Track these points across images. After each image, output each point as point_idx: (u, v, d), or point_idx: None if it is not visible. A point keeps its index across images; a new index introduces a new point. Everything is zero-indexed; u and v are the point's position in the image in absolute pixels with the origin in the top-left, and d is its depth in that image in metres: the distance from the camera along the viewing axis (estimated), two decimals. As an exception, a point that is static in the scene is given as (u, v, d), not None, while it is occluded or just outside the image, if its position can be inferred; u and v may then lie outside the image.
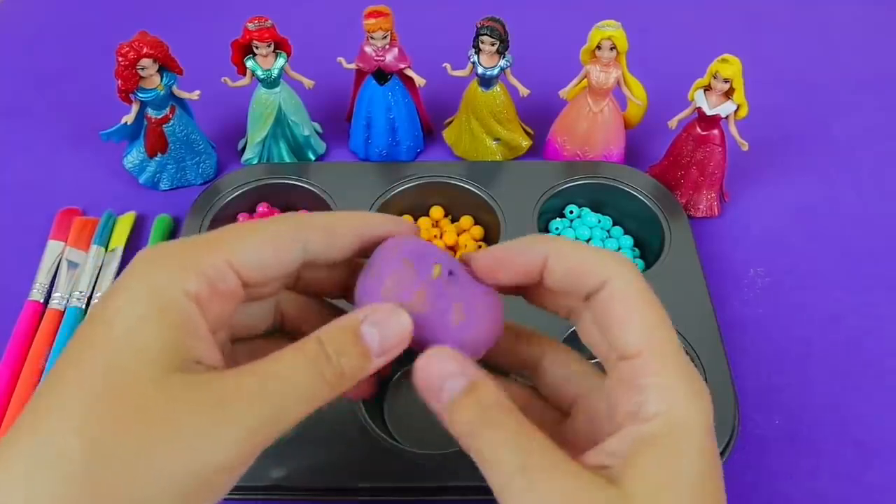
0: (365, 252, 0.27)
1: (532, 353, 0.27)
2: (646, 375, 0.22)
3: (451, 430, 0.24)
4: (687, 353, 0.45)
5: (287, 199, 0.57)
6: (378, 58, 0.56)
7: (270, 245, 0.24)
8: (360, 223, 0.27)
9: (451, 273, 0.26)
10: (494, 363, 0.28)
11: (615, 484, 0.21)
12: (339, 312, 0.28)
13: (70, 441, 0.19)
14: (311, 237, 0.25)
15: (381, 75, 0.57)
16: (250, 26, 0.54)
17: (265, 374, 0.22)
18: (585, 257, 0.25)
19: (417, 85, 0.58)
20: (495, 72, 0.56)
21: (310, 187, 0.56)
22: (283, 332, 0.29)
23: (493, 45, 0.54)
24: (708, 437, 0.22)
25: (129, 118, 0.55)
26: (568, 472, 0.21)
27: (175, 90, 0.56)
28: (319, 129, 0.64)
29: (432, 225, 0.57)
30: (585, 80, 0.56)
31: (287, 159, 0.60)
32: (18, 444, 0.20)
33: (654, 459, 0.21)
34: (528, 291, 0.28)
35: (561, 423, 0.27)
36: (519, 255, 0.26)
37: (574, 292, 0.25)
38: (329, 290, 0.29)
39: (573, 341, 0.47)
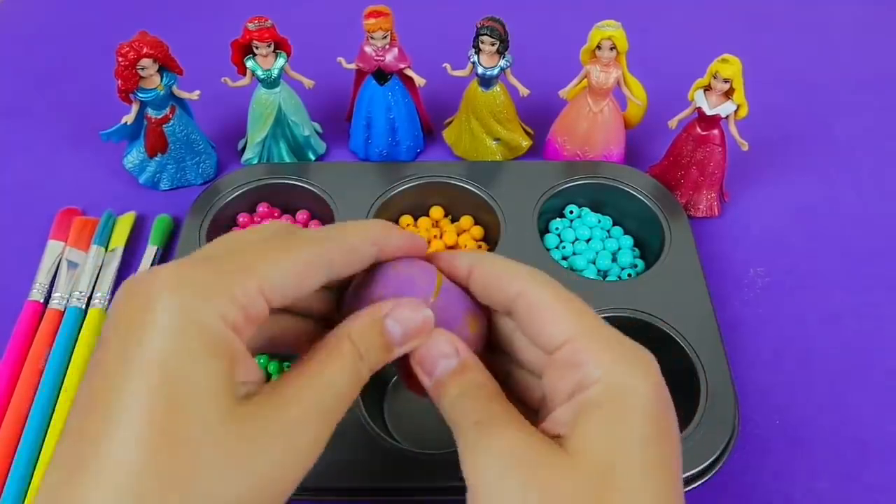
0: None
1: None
2: (580, 353, 0.24)
3: (438, 404, 0.26)
4: (687, 353, 0.46)
5: (287, 200, 0.57)
6: (378, 58, 0.56)
7: (301, 272, 0.24)
8: (379, 238, 0.27)
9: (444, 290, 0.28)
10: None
11: (563, 447, 0.22)
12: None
13: (145, 481, 0.19)
14: (335, 259, 0.25)
15: (381, 75, 0.57)
16: (250, 26, 0.54)
17: (319, 387, 0.23)
18: (501, 270, 0.27)
19: (417, 85, 0.58)
20: (495, 72, 0.56)
21: (310, 187, 0.56)
22: None
23: (493, 45, 0.54)
24: (655, 403, 0.23)
25: (129, 118, 0.55)
26: (520, 429, 0.23)
27: (175, 90, 0.56)
28: (319, 129, 0.64)
29: (432, 225, 0.57)
30: (585, 80, 0.56)
31: (287, 159, 0.60)
32: (81, 485, 0.19)
33: (597, 422, 0.22)
34: None
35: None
36: (447, 265, 0.28)
37: (494, 303, 0.27)
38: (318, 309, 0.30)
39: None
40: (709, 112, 0.53)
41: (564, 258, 0.54)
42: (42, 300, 0.51)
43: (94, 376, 0.21)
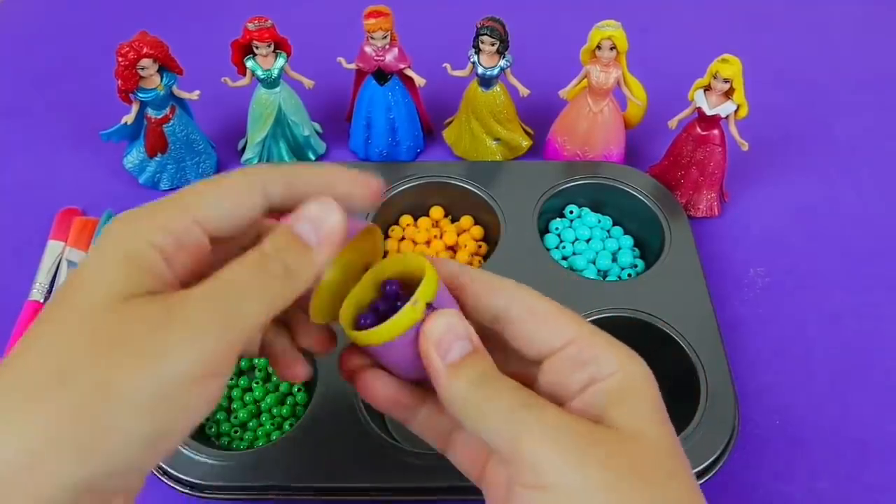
0: None
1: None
2: (588, 351, 0.26)
3: (445, 390, 0.25)
4: (687, 353, 0.46)
5: (287, 199, 0.57)
6: (378, 58, 0.56)
7: (230, 197, 0.25)
8: (321, 179, 0.27)
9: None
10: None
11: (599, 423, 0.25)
12: None
13: (43, 376, 0.21)
14: (269, 185, 0.26)
15: (381, 75, 0.57)
16: (250, 26, 0.54)
17: (211, 282, 0.23)
18: (495, 278, 0.28)
19: (417, 85, 0.58)
20: (495, 72, 0.56)
21: (310, 187, 0.56)
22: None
23: (493, 45, 0.54)
24: (655, 384, 0.27)
25: (129, 118, 0.55)
26: (563, 411, 0.25)
27: (175, 90, 0.56)
28: (319, 129, 0.64)
29: (432, 225, 0.57)
30: (585, 80, 0.56)
31: (287, 159, 0.60)
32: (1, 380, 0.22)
33: (629, 403, 0.25)
34: None
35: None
36: (443, 269, 0.28)
37: (488, 307, 0.28)
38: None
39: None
40: (709, 112, 0.53)
41: (564, 258, 0.54)
42: (42, 300, 0.51)
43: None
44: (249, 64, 0.56)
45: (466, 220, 0.56)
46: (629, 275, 0.53)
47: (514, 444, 0.24)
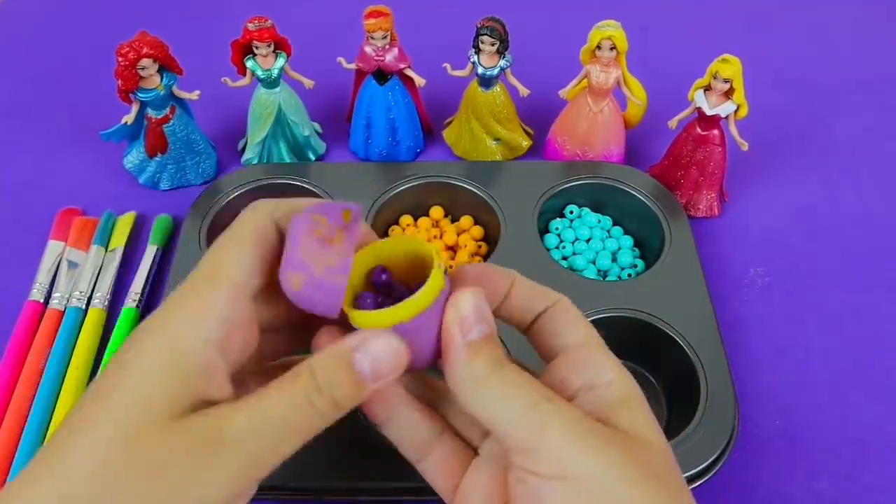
0: None
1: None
2: (594, 355, 0.28)
3: (460, 369, 0.25)
4: (687, 353, 0.46)
5: (287, 199, 0.57)
6: (378, 58, 0.56)
7: (253, 244, 0.26)
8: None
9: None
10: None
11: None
12: None
13: (80, 487, 0.21)
14: (280, 220, 0.27)
15: (381, 75, 0.57)
16: (250, 26, 0.54)
17: (256, 413, 0.23)
18: (538, 286, 0.30)
19: (417, 85, 0.58)
20: (495, 72, 0.56)
21: (310, 187, 0.56)
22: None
23: (493, 45, 0.54)
24: (642, 394, 0.28)
25: (129, 118, 0.55)
26: (580, 409, 0.26)
27: (175, 90, 0.56)
28: (319, 129, 0.64)
29: (432, 225, 0.57)
30: (585, 80, 0.56)
31: (287, 159, 0.60)
32: (36, 485, 0.22)
33: (632, 411, 0.26)
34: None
35: None
36: (496, 275, 0.29)
37: (531, 309, 0.29)
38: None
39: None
40: (709, 112, 0.53)
41: (564, 258, 0.54)
42: (42, 300, 0.51)
43: (79, 401, 0.24)
44: (249, 64, 0.56)
45: (466, 220, 0.56)
46: (629, 275, 0.53)
47: (538, 434, 0.24)
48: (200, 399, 0.23)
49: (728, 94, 0.52)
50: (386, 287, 0.27)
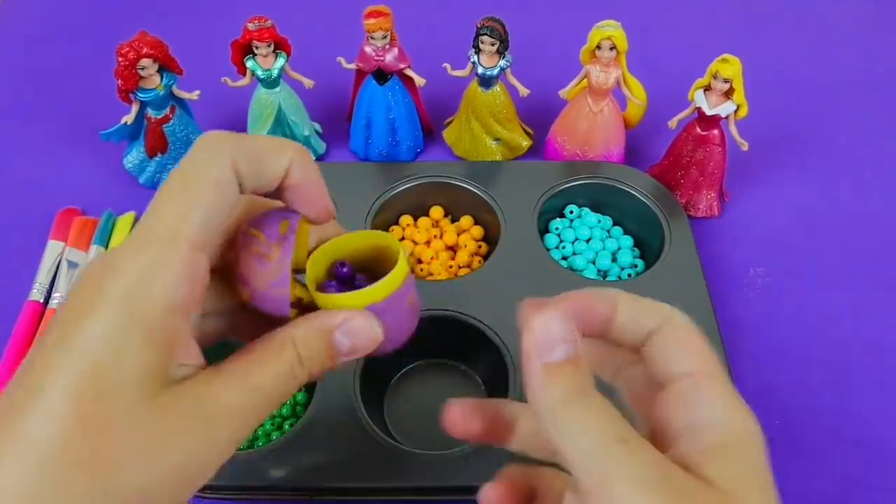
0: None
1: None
2: (705, 389, 0.25)
3: (535, 395, 0.24)
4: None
5: (287, 199, 0.57)
6: (378, 58, 0.56)
7: (209, 201, 0.23)
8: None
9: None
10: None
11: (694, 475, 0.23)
12: None
13: (56, 462, 0.20)
14: (240, 170, 0.24)
15: (381, 75, 0.57)
16: (250, 26, 0.54)
17: (245, 388, 0.23)
18: (646, 301, 0.26)
19: (417, 85, 0.58)
20: (495, 72, 0.56)
21: (310, 187, 0.56)
22: None
23: (493, 45, 0.54)
24: (764, 449, 0.24)
25: (129, 118, 0.55)
26: (657, 451, 0.23)
27: (175, 90, 0.56)
28: (319, 129, 0.64)
29: (432, 225, 0.57)
30: (585, 80, 0.56)
31: (287, 159, 0.60)
32: (2, 432, 0.21)
33: (729, 458, 0.23)
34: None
35: None
36: (596, 296, 0.26)
37: (637, 331, 0.26)
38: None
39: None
40: (709, 112, 0.53)
41: (564, 258, 0.54)
42: (42, 300, 0.51)
43: (33, 354, 0.22)
44: (249, 64, 0.56)
45: (466, 220, 0.56)
46: (629, 275, 0.53)
47: (602, 481, 0.22)
48: (175, 364, 0.23)
49: (728, 94, 0.52)
50: (347, 278, 0.28)
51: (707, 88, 0.53)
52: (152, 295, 0.22)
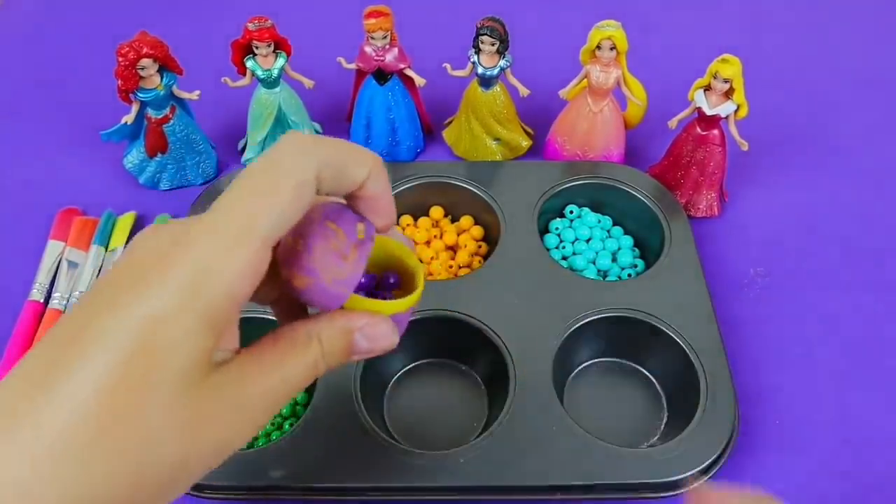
0: None
1: None
2: None
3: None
4: (687, 353, 0.46)
5: (287, 199, 0.57)
6: (378, 58, 0.56)
7: (291, 206, 0.24)
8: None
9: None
10: None
11: None
12: None
13: (94, 427, 0.21)
14: (322, 180, 0.25)
15: (381, 75, 0.57)
16: (250, 26, 0.54)
17: (277, 378, 0.25)
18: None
19: (417, 85, 0.58)
20: (495, 72, 0.56)
21: (310, 187, 0.56)
22: None
23: (493, 45, 0.54)
24: None
25: (129, 118, 0.55)
26: None
27: (175, 90, 0.56)
28: (319, 129, 0.64)
29: (432, 225, 0.57)
30: (585, 80, 0.56)
31: (287, 159, 0.60)
32: (36, 400, 0.21)
33: None
34: None
35: None
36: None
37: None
38: None
39: (571, 338, 0.47)
40: (709, 112, 0.53)
41: (564, 258, 0.54)
42: (42, 300, 0.51)
43: (92, 305, 0.22)
44: (249, 64, 0.56)
45: (466, 220, 0.56)
46: (629, 275, 0.53)
47: None
48: (216, 353, 0.24)
49: (728, 95, 0.52)
50: (388, 286, 0.29)
51: (707, 88, 0.53)
52: (219, 283, 0.22)
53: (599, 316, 0.48)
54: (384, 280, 0.30)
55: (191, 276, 0.22)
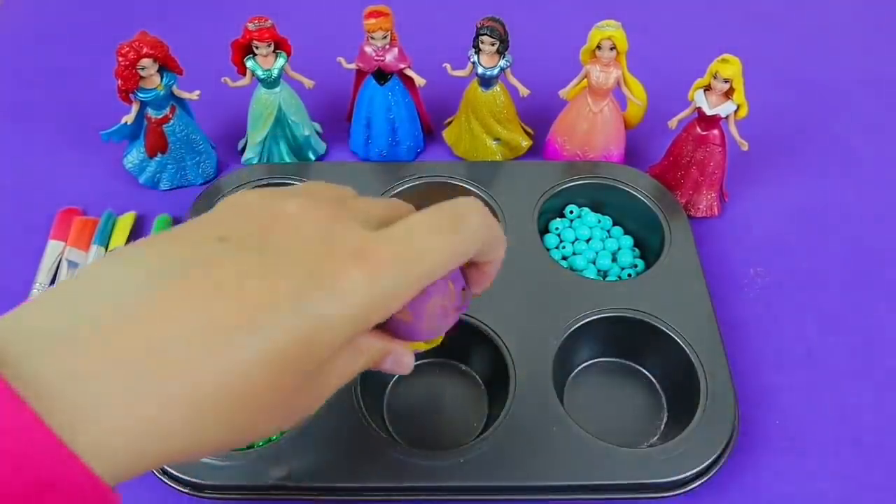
0: None
1: None
2: None
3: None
4: (687, 353, 0.46)
5: (287, 199, 0.57)
6: (378, 58, 0.56)
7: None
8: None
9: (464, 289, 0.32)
10: None
11: None
12: None
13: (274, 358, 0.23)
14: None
15: (381, 75, 0.57)
16: (250, 26, 0.54)
17: (344, 378, 0.28)
18: None
19: (417, 85, 0.58)
20: (495, 72, 0.56)
21: (310, 187, 0.56)
22: None
23: (493, 45, 0.54)
24: None
25: (129, 118, 0.55)
26: None
27: (175, 90, 0.56)
28: (319, 129, 0.64)
29: (432, 225, 0.57)
30: (585, 80, 0.56)
31: (287, 159, 0.60)
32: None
33: None
34: None
35: None
36: None
37: None
38: None
39: (571, 338, 0.47)
40: (709, 112, 0.53)
41: (564, 258, 0.54)
42: (42, 300, 0.51)
43: (271, 275, 0.24)
44: (249, 64, 0.56)
45: (466, 220, 0.56)
46: (629, 275, 0.53)
47: None
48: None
49: (728, 94, 0.52)
50: None
51: (707, 88, 0.53)
52: (384, 311, 0.26)
53: (599, 316, 0.48)
54: None
55: (367, 298, 0.25)
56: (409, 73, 0.58)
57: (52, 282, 0.53)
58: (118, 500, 0.21)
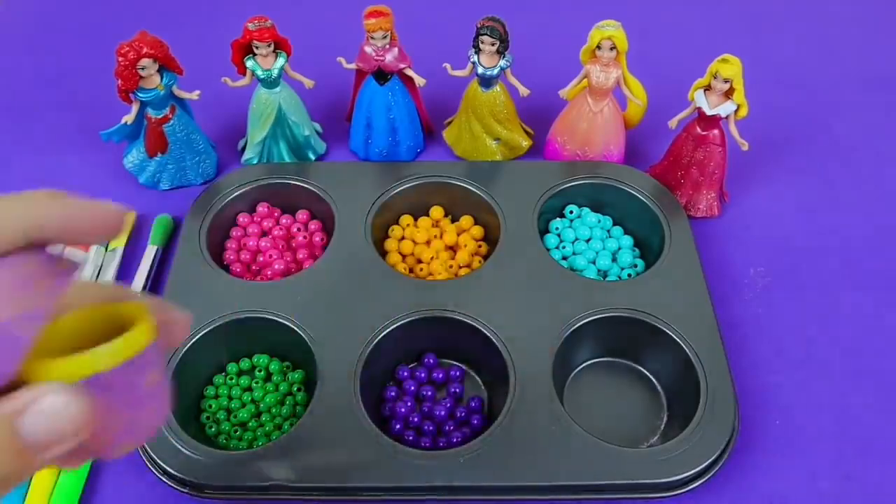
0: None
1: None
2: None
3: None
4: (687, 353, 0.46)
5: (287, 200, 0.57)
6: (378, 58, 0.56)
7: None
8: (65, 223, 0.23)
9: None
10: None
11: None
12: None
13: None
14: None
15: (381, 75, 0.57)
16: (250, 26, 0.54)
17: None
18: None
19: (417, 85, 0.58)
20: (495, 72, 0.56)
21: (310, 187, 0.56)
22: None
23: (493, 45, 0.54)
24: None
25: (129, 118, 0.55)
26: None
27: (175, 90, 0.56)
28: (319, 129, 0.64)
29: (432, 225, 0.57)
30: (585, 80, 0.56)
31: (287, 159, 0.60)
32: None
33: None
34: None
35: None
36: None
37: None
38: None
39: (571, 338, 0.47)
40: (709, 112, 0.53)
41: (564, 258, 0.54)
42: (42, 300, 0.51)
43: None
44: (249, 64, 0.56)
45: (466, 220, 0.56)
46: (629, 275, 0.53)
47: None
48: None
49: (728, 94, 0.52)
50: None
51: (707, 88, 0.53)
52: None
53: (599, 316, 0.48)
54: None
55: None
56: (409, 73, 0.57)
57: (52, 282, 0.53)
58: None
